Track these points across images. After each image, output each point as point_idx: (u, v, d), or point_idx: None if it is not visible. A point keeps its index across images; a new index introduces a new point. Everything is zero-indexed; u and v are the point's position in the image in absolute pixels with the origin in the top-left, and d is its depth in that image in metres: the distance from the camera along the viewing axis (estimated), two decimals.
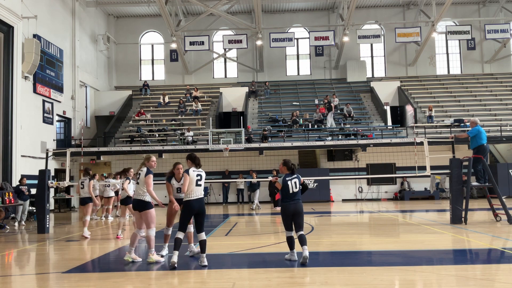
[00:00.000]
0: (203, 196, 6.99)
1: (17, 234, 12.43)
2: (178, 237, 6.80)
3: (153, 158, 7.55)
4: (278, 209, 16.53)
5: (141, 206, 7.27)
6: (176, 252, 6.73)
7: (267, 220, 14.62)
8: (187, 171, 6.94)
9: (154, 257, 7.27)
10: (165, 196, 8.77)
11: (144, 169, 7.36)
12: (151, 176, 7.29)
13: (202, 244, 6.89)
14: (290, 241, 7.04)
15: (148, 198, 7.30)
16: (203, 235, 6.89)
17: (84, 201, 11.34)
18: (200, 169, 7.10)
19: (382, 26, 29.70)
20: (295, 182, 7.04)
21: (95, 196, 12.80)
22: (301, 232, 6.97)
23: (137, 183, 7.41)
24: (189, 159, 7.10)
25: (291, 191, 7.00)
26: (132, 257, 7.33)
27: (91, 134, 26.81)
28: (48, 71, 21.64)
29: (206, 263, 6.80)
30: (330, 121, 24.31)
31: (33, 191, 14.77)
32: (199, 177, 6.94)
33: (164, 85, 30.76)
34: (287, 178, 7.06)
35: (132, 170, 11.61)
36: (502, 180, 21.37)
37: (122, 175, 12.06)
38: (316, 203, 21.62)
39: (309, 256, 7.98)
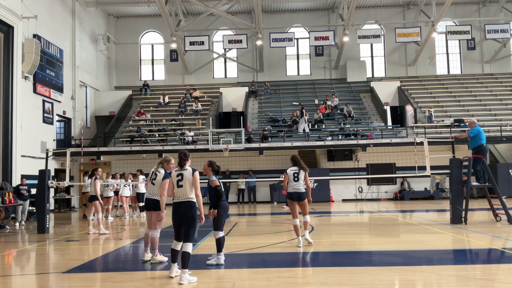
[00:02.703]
0: (189, 200, 6.16)
1: (17, 234, 12.44)
2: (174, 248, 6.13)
3: (173, 160, 7.32)
4: (287, 208, 16.56)
5: (155, 206, 7.25)
6: (175, 265, 6.13)
7: (267, 220, 14.62)
8: (170, 173, 6.69)
9: (158, 257, 7.27)
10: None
11: (162, 171, 7.24)
12: (167, 181, 6.91)
13: (183, 257, 5.90)
14: (223, 241, 7.03)
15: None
16: (186, 246, 5.95)
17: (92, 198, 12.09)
18: (185, 168, 6.27)
19: (382, 26, 29.70)
20: (222, 182, 7.32)
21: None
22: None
23: (153, 183, 7.33)
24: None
25: (223, 190, 7.21)
26: (159, 259, 7.28)
27: (91, 134, 26.81)
28: (48, 71, 21.64)
29: (183, 282, 5.75)
30: (301, 127, 24.10)
31: (33, 191, 14.78)
32: (179, 177, 6.21)
33: (164, 85, 30.76)
34: (218, 179, 7.21)
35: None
36: (502, 180, 21.38)
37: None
38: (316, 203, 21.62)
39: (309, 256, 7.98)
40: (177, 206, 6.20)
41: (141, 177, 16.40)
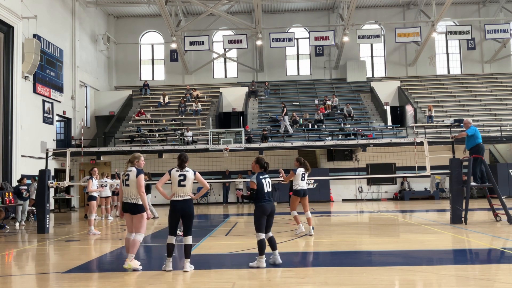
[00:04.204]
0: (188, 198, 6.61)
1: (17, 234, 12.44)
2: (170, 243, 6.56)
3: (142, 157, 7.11)
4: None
5: (133, 209, 6.79)
6: (170, 260, 6.54)
7: None
8: (169, 171, 6.72)
9: (133, 263, 6.68)
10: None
11: (134, 169, 6.87)
12: (143, 176, 6.84)
13: (186, 248, 6.56)
14: (263, 244, 6.68)
15: (141, 201, 6.85)
16: (188, 239, 6.57)
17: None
18: (186, 170, 6.69)
19: (382, 26, 29.70)
20: (268, 181, 6.91)
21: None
22: (271, 234, 6.90)
23: (127, 185, 6.82)
24: (177, 159, 6.82)
25: (265, 190, 6.80)
26: (133, 265, 6.73)
27: (91, 134, 26.81)
28: (48, 71, 21.63)
29: (187, 269, 6.48)
30: (283, 126, 24.17)
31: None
32: (182, 177, 6.61)
33: (164, 85, 30.76)
34: (261, 177, 6.85)
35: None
36: (502, 180, 21.38)
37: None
38: (316, 203, 21.61)
39: (309, 256, 7.96)
40: (177, 203, 6.60)
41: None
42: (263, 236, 6.72)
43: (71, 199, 22.17)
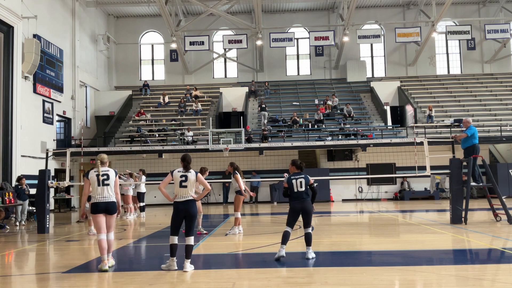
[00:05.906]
0: (190, 198, 6.71)
1: (17, 234, 12.44)
2: (174, 243, 6.67)
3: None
4: None
5: (114, 208, 6.98)
6: (174, 259, 6.64)
7: (267, 220, 14.62)
8: (172, 171, 6.88)
9: (112, 260, 7.02)
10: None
11: (111, 170, 7.14)
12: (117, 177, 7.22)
13: (187, 249, 6.61)
14: (285, 235, 7.15)
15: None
16: (189, 240, 6.64)
17: None
18: (188, 171, 6.82)
19: (382, 26, 29.70)
20: (300, 182, 7.24)
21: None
22: (309, 230, 7.22)
23: (107, 184, 6.97)
24: (181, 160, 6.95)
25: (295, 190, 7.20)
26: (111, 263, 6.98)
27: (91, 134, 26.81)
28: (48, 71, 21.63)
29: (187, 269, 6.52)
30: (262, 122, 24.62)
31: (33, 191, 14.78)
32: (183, 178, 6.74)
33: (164, 85, 30.76)
34: (292, 177, 7.30)
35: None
36: (502, 180, 21.40)
37: None
38: (316, 203, 21.49)
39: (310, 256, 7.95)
40: (180, 204, 6.71)
41: (143, 177, 16.38)
42: (287, 228, 7.23)
43: (71, 199, 22.18)
